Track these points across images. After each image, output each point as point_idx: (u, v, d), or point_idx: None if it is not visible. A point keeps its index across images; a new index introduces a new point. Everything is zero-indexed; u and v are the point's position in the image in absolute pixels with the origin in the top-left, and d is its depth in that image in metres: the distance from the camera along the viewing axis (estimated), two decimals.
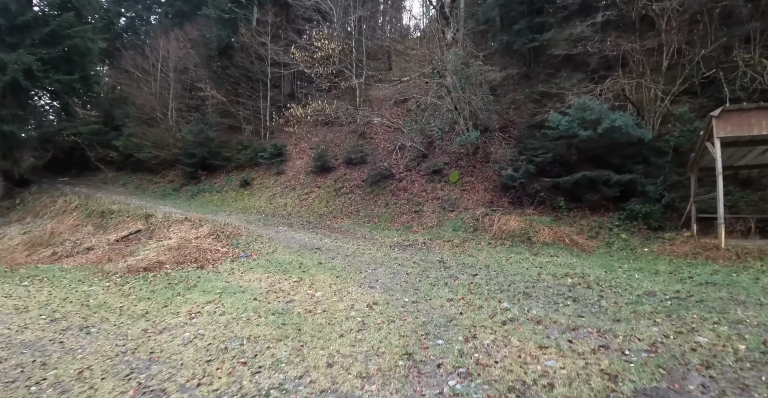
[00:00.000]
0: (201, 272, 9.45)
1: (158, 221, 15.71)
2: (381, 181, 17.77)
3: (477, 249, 11.60)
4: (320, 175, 19.86)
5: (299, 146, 22.98)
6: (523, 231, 12.63)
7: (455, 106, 17.62)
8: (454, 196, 16.00)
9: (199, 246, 11.56)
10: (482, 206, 14.83)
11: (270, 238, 12.55)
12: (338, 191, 18.35)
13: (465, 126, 17.50)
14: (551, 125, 13.96)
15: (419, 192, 16.83)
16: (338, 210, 17.22)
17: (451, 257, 10.56)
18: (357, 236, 13.66)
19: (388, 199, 16.87)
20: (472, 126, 17.40)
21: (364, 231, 14.46)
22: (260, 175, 21.75)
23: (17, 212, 21.21)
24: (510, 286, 7.53)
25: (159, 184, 24.11)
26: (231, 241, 12.00)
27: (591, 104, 13.49)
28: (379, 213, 16.19)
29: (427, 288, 7.42)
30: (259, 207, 18.82)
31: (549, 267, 9.26)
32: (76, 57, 23.10)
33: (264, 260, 9.99)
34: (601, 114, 13.15)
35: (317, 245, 11.78)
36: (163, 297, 7.76)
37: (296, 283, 7.92)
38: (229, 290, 7.68)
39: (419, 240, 12.40)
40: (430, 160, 18.29)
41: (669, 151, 13.40)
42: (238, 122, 24.21)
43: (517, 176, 14.50)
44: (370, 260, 9.97)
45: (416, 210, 15.80)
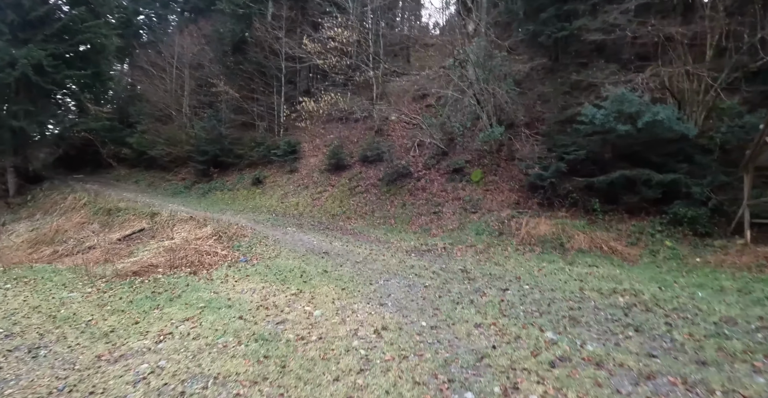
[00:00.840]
0: (192, 279, 8.22)
1: (163, 220, 14.70)
2: (398, 180, 16.40)
3: (504, 256, 10.16)
4: (334, 173, 18.59)
5: (314, 143, 21.75)
6: (555, 236, 11.15)
7: (478, 100, 16.18)
8: (476, 196, 14.55)
9: (198, 248, 10.38)
10: (508, 208, 13.37)
11: (276, 240, 11.29)
12: (353, 190, 17.05)
13: (488, 121, 16.05)
14: (584, 120, 12.47)
15: (439, 192, 15.42)
16: (352, 210, 15.91)
17: (475, 265, 9.14)
18: (370, 239, 12.33)
19: (405, 199, 15.50)
20: (495, 121, 15.93)
21: (378, 233, 13.12)
22: (273, 172, 20.58)
23: (28, 209, 20.48)
24: (550, 306, 6.10)
25: (171, 181, 23.16)
26: (233, 243, 10.78)
27: (630, 96, 11.94)
28: (396, 215, 14.82)
29: (449, 308, 6.03)
30: (270, 207, 17.63)
31: (591, 281, 7.79)
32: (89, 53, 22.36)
33: (264, 266, 8.72)
34: (641, 107, 11.61)
35: (326, 249, 10.47)
36: (140, 309, 6.54)
37: (294, 297, 6.60)
38: (215, 304, 6.41)
39: (439, 245, 11.00)
40: (450, 157, 16.86)
41: (715, 149, 11.83)
42: (252, 119, 23.12)
43: (547, 175, 12.99)
44: (382, 268, 8.61)
45: (435, 211, 14.39)
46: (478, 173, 15.57)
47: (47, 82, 19.75)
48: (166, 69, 26.02)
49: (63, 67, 19.87)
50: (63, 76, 20.03)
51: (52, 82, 19.90)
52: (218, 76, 23.01)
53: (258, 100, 22.82)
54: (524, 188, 14.07)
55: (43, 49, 19.77)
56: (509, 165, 15.55)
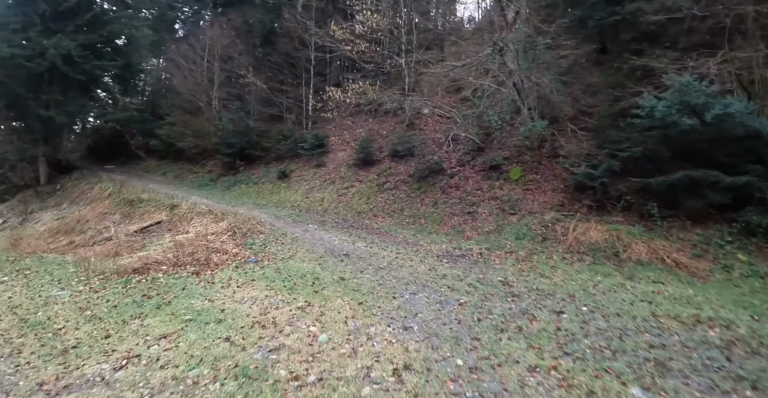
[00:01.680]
0: (192, 280, 7.12)
1: (181, 213, 13.85)
2: (430, 177, 15.00)
3: (549, 265, 8.66)
4: (362, 168, 17.33)
5: (342, 137, 20.55)
6: (609, 244, 9.59)
7: (518, 91, 14.61)
8: (515, 196, 13.02)
9: (209, 244, 9.32)
10: (551, 210, 11.81)
11: (294, 238, 10.11)
12: (381, 187, 15.74)
13: (530, 115, 14.46)
14: (640, 113, 10.81)
15: (474, 190, 13.94)
16: (379, 208, 14.61)
17: (518, 277, 7.70)
18: (398, 240, 11.00)
19: (437, 197, 14.09)
20: (537, 115, 14.34)
21: (407, 234, 11.77)
22: (299, 166, 19.48)
23: (56, 197, 20.07)
24: (623, 341, 4.66)
25: (198, 173, 22.39)
26: (246, 240, 9.64)
27: (697, 85, 10.21)
28: (426, 214, 13.43)
29: (491, 337, 4.66)
30: (294, 202, 16.52)
31: (662, 303, 6.26)
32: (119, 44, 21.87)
33: (274, 269, 7.52)
34: (709, 98, 9.90)
35: (347, 250, 9.21)
36: (119, 318, 5.47)
37: (299, 311, 5.35)
38: (204, 316, 5.23)
39: (474, 250, 9.57)
40: (486, 154, 15.34)
41: None
42: (280, 111, 22.09)
43: (597, 174, 11.38)
44: (409, 277, 7.27)
45: (470, 211, 12.95)
46: (517, 171, 14.03)
47: (76, 72, 19.21)
48: (197, 61, 25.34)
49: (92, 57, 19.30)
50: (92, 66, 19.46)
51: (81, 72, 19.36)
52: (247, 68, 22.09)
53: (286, 92, 21.78)
54: (569, 188, 12.48)
55: (73, 39, 19.25)
56: (552, 162, 13.96)
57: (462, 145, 16.32)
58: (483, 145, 15.69)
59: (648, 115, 10.63)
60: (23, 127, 19.83)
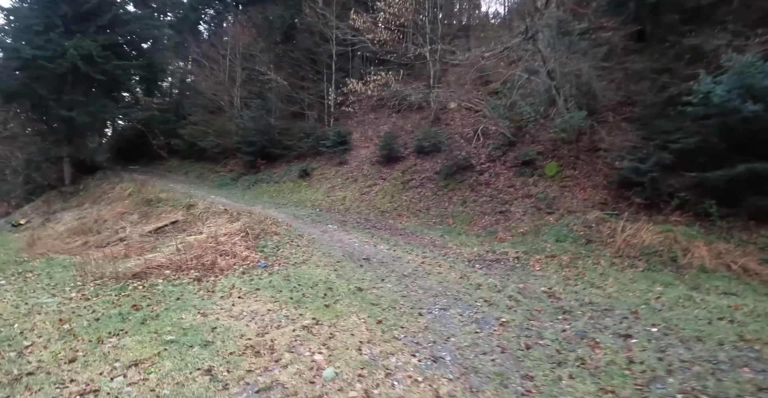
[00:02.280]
0: (191, 288, 6.25)
1: (198, 212, 13.16)
2: (457, 174, 13.88)
3: (598, 273, 7.48)
4: (386, 165, 16.32)
5: (365, 134, 19.59)
6: (664, 247, 8.34)
7: (553, 80, 13.36)
8: (552, 193, 11.81)
9: (218, 247, 8.46)
10: (594, 208, 10.57)
11: (311, 240, 9.18)
12: (406, 184, 14.69)
13: (566, 106, 13.19)
14: (692, 100, 9.56)
15: (505, 187, 12.77)
16: (404, 206, 13.57)
17: (565, 287, 6.56)
18: (424, 242, 9.94)
19: (465, 196, 12.97)
20: (574, 105, 13.07)
21: (434, 235, 10.69)
22: (321, 164, 18.61)
23: (79, 198, 19.73)
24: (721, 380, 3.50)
25: (219, 173, 21.79)
26: (258, 243, 8.73)
27: (761, 65, 8.89)
28: (455, 213, 12.33)
29: (548, 376, 3.56)
30: (314, 201, 15.63)
31: (746, 322, 5.09)
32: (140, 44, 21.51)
33: (283, 276, 6.58)
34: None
35: (368, 254, 8.20)
36: (96, 335, 4.64)
37: (305, 332, 4.36)
38: (191, 336, 4.31)
39: (510, 254, 8.42)
40: (518, 148, 14.13)
41: None
42: (302, 108, 21.27)
43: (645, 168, 10.10)
44: (438, 288, 6.21)
45: (502, 210, 11.79)
46: (553, 166, 12.78)
47: (97, 72, 18.82)
48: (219, 61, 24.85)
49: (112, 57, 18.85)
50: (113, 66, 19.04)
51: (102, 73, 18.95)
52: (268, 65, 21.35)
53: (308, 88, 20.95)
54: (613, 185, 11.22)
55: (94, 40, 18.87)
56: (591, 156, 12.69)
57: (492, 139, 15.14)
58: (514, 139, 14.48)
59: (702, 101, 9.35)
60: (47, 128, 19.58)
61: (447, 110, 18.85)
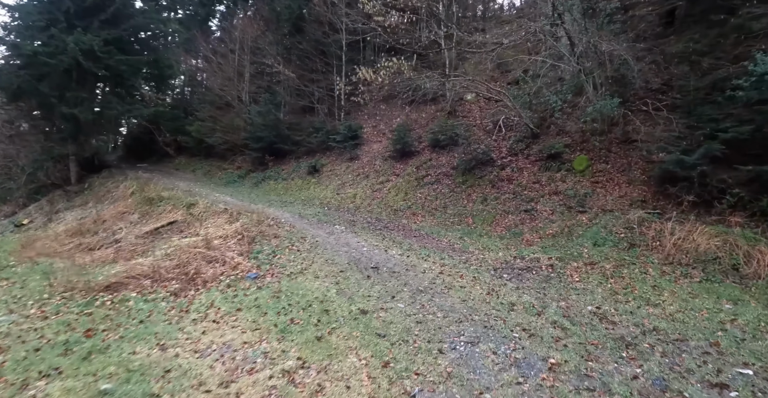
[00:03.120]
0: (163, 306, 5.24)
1: (198, 212, 12.21)
2: (476, 169, 12.66)
3: (649, 284, 6.24)
4: (400, 160, 15.15)
5: (377, 128, 18.43)
6: (724, 253, 7.05)
7: (580, 66, 12.05)
8: (582, 190, 10.54)
9: (208, 252, 7.40)
10: (632, 207, 9.30)
11: (314, 244, 8.06)
12: (420, 180, 13.51)
13: (595, 93, 11.88)
14: (742, 83, 8.27)
15: (530, 183, 11.52)
16: (419, 205, 12.39)
17: (615, 304, 5.38)
18: (441, 245, 8.76)
19: (486, 192, 11.75)
20: (605, 92, 11.76)
21: (452, 237, 9.51)
22: (331, 160, 17.51)
23: (83, 197, 18.92)
24: None
25: (227, 170, 20.82)
26: (254, 247, 7.64)
27: None
28: (474, 212, 11.12)
29: None
30: (323, 198, 14.54)
31: None
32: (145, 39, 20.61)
33: (273, 291, 5.51)
34: None
35: (377, 261, 7.05)
36: (24, 375, 3.75)
37: (283, 381, 3.28)
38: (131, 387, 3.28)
39: (542, 261, 7.20)
40: (542, 141, 12.88)
41: None
42: (311, 102, 20.15)
43: (692, 161, 8.81)
44: (461, 309, 5.05)
45: (527, 208, 10.55)
46: (582, 160, 11.50)
47: (99, 67, 17.92)
48: (228, 56, 23.89)
49: (115, 52, 17.91)
50: (116, 61, 18.11)
51: (105, 68, 18.05)
52: (275, 58, 20.26)
53: (317, 81, 19.82)
54: (653, 180, 9.92)
55: (97, 35, 17.97)
56: (624, 149, 11.41)
57: (513, 131, 13.88)
58: (538, 131, 13.22)
59: (755, 84, 8.06)
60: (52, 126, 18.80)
61: (463, 102, 17.61)
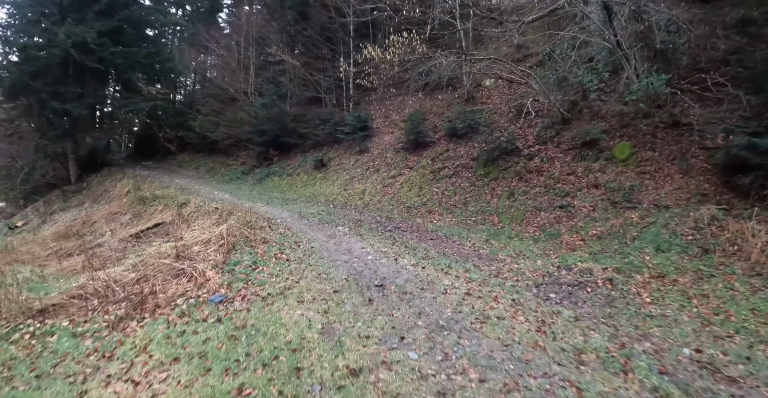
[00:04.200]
0: (86, 346, 3.84)
1: (188, 212, 10.80)
2: (500, 159, 11.02)
3: (744, 306, 4.60)
4: (413, 152, 13.55)
5: (388, 118, 16.83)
6: None
7: (618, 39, 10.30)
8: (627, 182, 8.85)
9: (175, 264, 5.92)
10: (693, 201, 7.58)
11: (308, 251, 6.53)
12: (436, 174, 11.90)
13: (635, 71, 10.15)
14: None
15: (563, 175, 9.84)
16: (435, 201, 10.80)
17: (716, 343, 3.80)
18: (464, 251, 7.17)
19: (512, 186, 10.10)
20: (648, 69, 10.03)
21: (476, 239, 7.90)
22: (339, 154, 15.99)
23: (80, 197, 17.75)
24: None
25: (231, 166, 19.43)
26: (233, 257, 6.12)
27: None
28: (500, 209, 9.48)
29: None
30: (329, 195, 13.03)
31: None
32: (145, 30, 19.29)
33: (235, 326, 4.03)
34: None
35: (383, 275, 5.46)
36: None
37: None
38: None
39: (595, 273, 5.53)
40: (574, 127, 11.17)
41: None
42: (318, 92, 18.60)
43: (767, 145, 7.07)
44: (504, 362, 3.43)
45: (562, 204, 8.89)
46: (624, 147, 9.78)
47: (93, 60, 16.62)
48: (233, 49, 22.51)
49: (109, 43, 16.59)
50: (111, 53, 16.79)
51: (99, 61, 16.74)
52: (280, 46, 18.73)
53: (324, 71, 18.24)
54: (715, 169, 8.17)
55: (92, 27, 16.69)
56: (672, 133, 9.67)
57: (540, 117, 12.16)
58: (569, 115, 11.47)
59: None
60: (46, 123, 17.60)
61: (482, 88, 15.89)
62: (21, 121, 19.48)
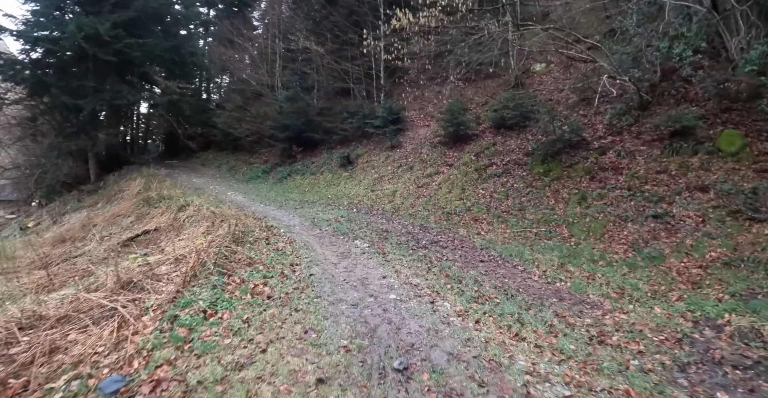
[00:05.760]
0: None
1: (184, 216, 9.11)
2: (563, 154, 8.75)
3: None
4: (453, 146, 11.40)
5: (423, 110, 14.71)
6: None
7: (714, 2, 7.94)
8: (744, 182, 6.54)
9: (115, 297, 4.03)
10: None
11: (304, 281, 4.48)
12: (482, 172, 9.71)
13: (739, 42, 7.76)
14: None
15: (651, 174, 7.49)
16: (482, 205, 8.62)
17: None
18: (533, 285, 5.02)
19: (582, 187, 7.82)
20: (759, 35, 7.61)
21: (545, 262, 5.72)
22: (368, 150, 14.00)
23: (95, 197, 16.45)
24: None
25: (254, 164, 17.73)
26: (189, 292, 4.11)
27: None
28: (570, 217, 7.21)
29: None
30: (354, 197, 11.05)
31: None
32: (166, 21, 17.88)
33: None
34: None
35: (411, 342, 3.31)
36: None
37: None
38: None
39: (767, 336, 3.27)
40: (656, 112, 8.82)
41: None
42: (346, 82, 16.63)
43: None
44: None
45: (656, 213, 6.56)
46: (731, 137, 7.40)
47: (107, 53, 15.25)
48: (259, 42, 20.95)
49: (123, 35, 15.18)
50: (125, 45, 15.38)
51: (114, 54, 15.36)
52: (307, 37, 16.89)
53: (353, 59, 16.25)
54: None
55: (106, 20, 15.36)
56: None
57: (609, 103, 9.77)
58: (649, 98, 9.04)
59: None
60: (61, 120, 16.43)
61: (531, 74, 13.54)
62: (44, 119, 18.47)
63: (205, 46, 26.06)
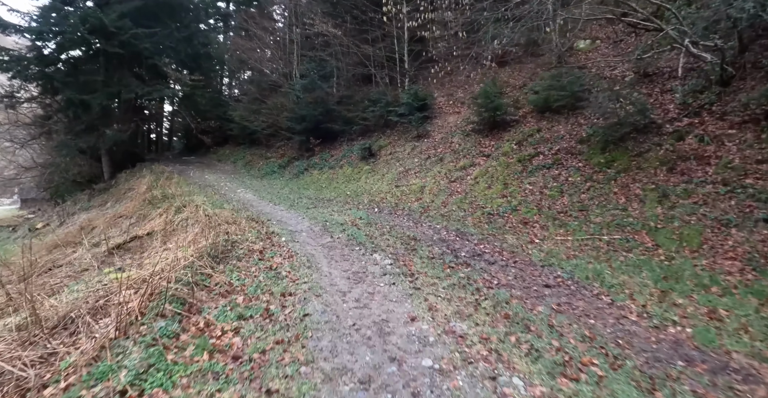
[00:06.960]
0: None
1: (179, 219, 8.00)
2: (628, 140, 7.17)
3: None
4: (489, 134, 9.90)
5: (454, 96, 13.17)
6: None
7: None
8: None
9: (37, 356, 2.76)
10: None
11: (294, 326, 3.12)
12: (527, 163, 8.19)
13: None
14: None
15: (749, 163, 5.85)
16: (531, 204, 7.12)
17: None
18: (635, 332, 3.55)
19: (659, 181, 6.23)
20: None
21: (637, 288, 4.27)
22: (392, 140, 12.61)
23: (105, 196, 15.62)
24: None
25: (270, 159, 16.53)
26: (125, 343, 2.84)
27: None
28: (649, 219, 5.65)
29: None
30: (375, 193, 9.70)
31: None
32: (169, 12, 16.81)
33: None
34: None
35: None
36: None
37: None
38: None
39: None
40: (743, 87, 7.15)
41: None
42: (369, 67, 15.18)
43: None
44: None
45: (766, 217, 4.92)
46: None
47: (113, 45, 14.25)
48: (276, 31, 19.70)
49: (129, 25, 14.15)
50: (132, 36, 14.35)
51: (121, 46, 14.35)
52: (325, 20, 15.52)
53: (374, 41, 14.80)
54: None
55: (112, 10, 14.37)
56: None
57: (677, 78, 8.07)
58: (732, 71, 7.33)
59: None
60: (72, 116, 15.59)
61: (574, 52, 11.86)
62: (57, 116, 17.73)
63: (227, 41, 25.12)
